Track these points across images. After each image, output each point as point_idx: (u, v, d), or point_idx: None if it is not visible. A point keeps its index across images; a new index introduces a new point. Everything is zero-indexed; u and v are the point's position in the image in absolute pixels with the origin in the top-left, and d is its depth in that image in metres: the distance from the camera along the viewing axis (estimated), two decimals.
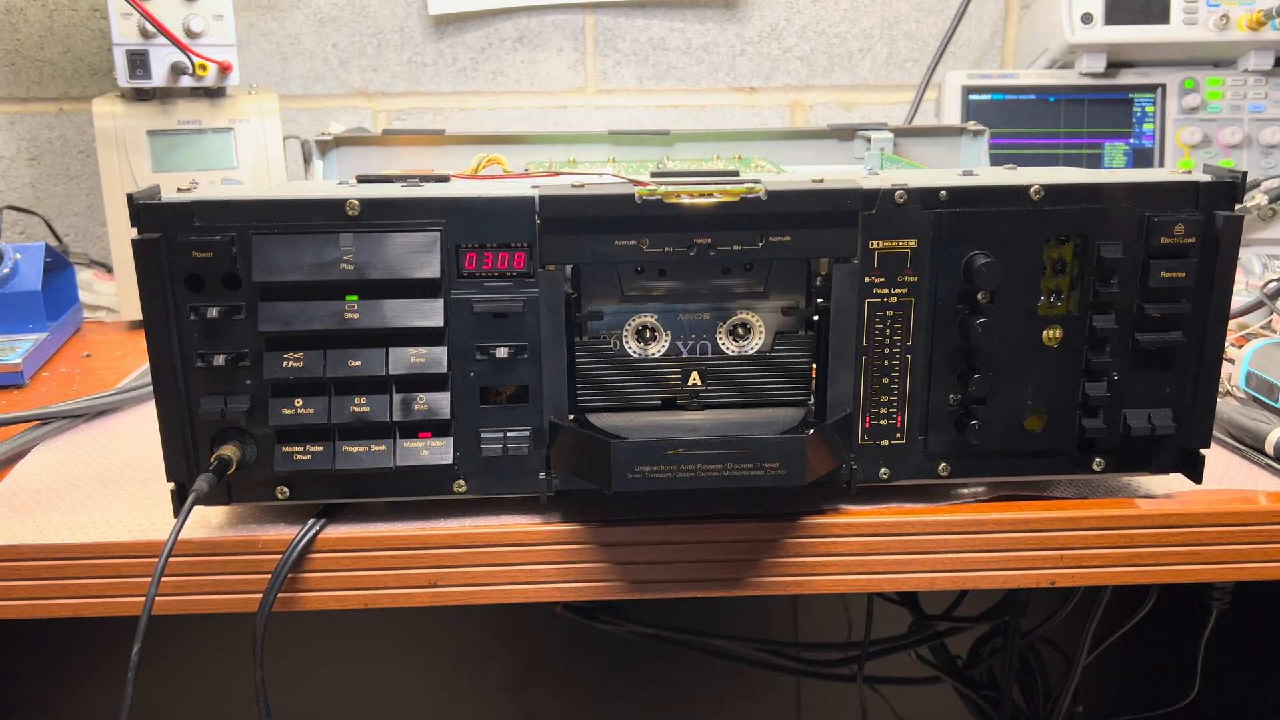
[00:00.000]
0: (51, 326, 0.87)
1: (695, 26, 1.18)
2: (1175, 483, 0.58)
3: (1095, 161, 1.06)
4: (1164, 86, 1.06)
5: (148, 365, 0.82)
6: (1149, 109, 1.06)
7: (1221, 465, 0.61)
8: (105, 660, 1.20)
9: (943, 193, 0.51)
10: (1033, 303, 0.53)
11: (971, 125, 0.83)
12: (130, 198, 0.48)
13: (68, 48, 1.13)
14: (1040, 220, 0.52)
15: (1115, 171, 0.56)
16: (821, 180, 0.51)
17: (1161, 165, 1.05)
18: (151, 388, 0.51)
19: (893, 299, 0.53)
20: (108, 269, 1.11)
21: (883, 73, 1.20)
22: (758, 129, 0.95)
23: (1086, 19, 1.01)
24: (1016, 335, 0.53)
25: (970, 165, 0.83)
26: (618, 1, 1.16)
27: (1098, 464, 0.56)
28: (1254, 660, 1.00)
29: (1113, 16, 1.01)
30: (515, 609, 1.16)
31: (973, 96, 1.07)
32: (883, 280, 0.52)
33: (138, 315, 0.96)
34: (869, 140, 0.82)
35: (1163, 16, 1.01)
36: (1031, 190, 0.51)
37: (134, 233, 0.49)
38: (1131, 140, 1.06)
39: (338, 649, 1.24)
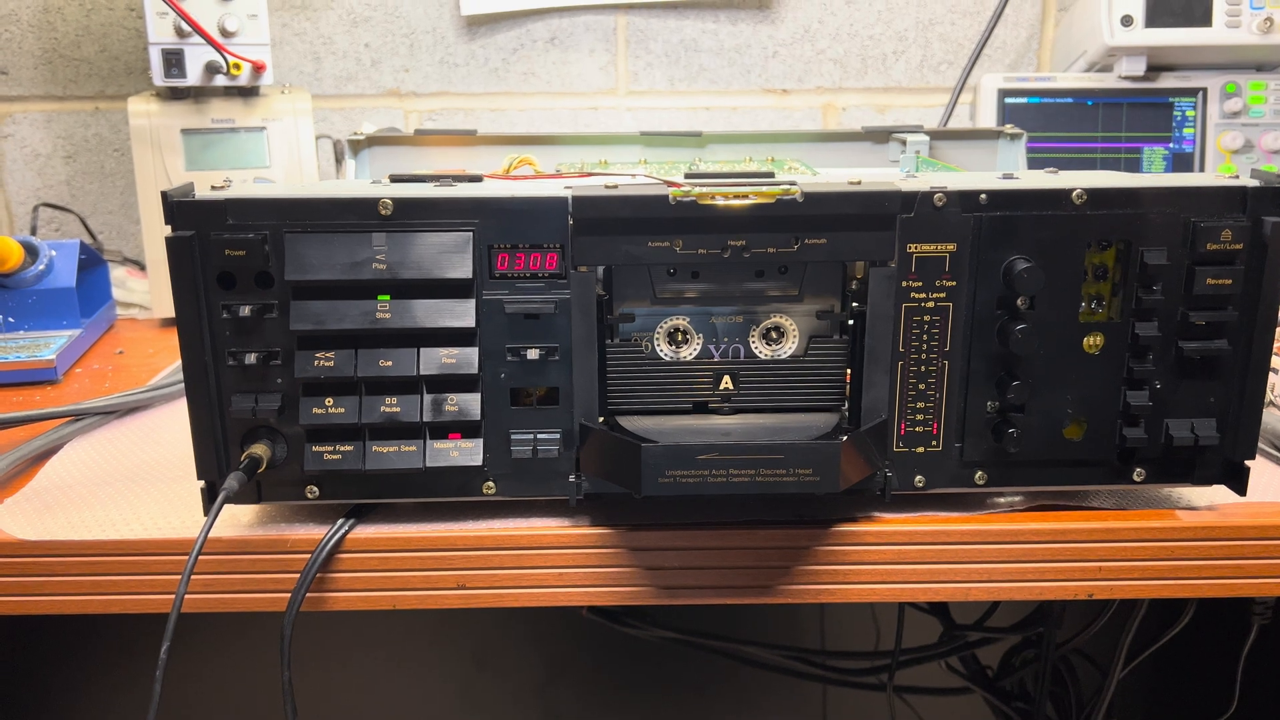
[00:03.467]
0: (85, 323, 0.88)
1: (728, 28, 1.17)
2: (1218, 494, 0.57)
3: (1134, 166, 1.05)
4: (1205, 90, 1.04)
5: (179, 363, 0.82)
6: (1189, 113, 1.04)
7: (1265, 477, 0.60)
8: (129, 656, 1.21)
9: (983, 196, 0.50)
10: (1073, 309, 0.52)
11: (1009, 129, 0.82)
12: (165, 195, 0.49)
13: (104, 47, 1.15)
14: (1082, 225, 0.51)
15: (1159, 175, 0.55)
16: (858, 182, 0.51)
17: (1202, 170, 1.04)
18: (182, 385, 0.51)
19: (930, 304, 0.52)
20: (141, 266, 1.11)
21: (917, 75, 1.19)
22: (791, 130, 0.94)
23: (1126, 21, 1.00)
24: (1056, 342, 0.52)
25: (1008, 169, 0.82)
26: (650, 3, 1.16)
27: (1138, 474, 0.55)
28: None
29: (1153, 19, 1.00)
30: (540, 610, 1.15)
31: (1009, 100, 1.06)
32: (920, 284, 0.51)
33: (170, 312, 0.97)
34: (904, 143, 0.81)
35: (1205, 19, 1.00)
36: (1074, 194, 0.50)
37: (168, 230, 0.49)
38: (1171, 145, 1.04)
39: (361, 647, 1.24)
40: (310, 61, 1.17)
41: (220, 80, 0.93)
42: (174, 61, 0.91)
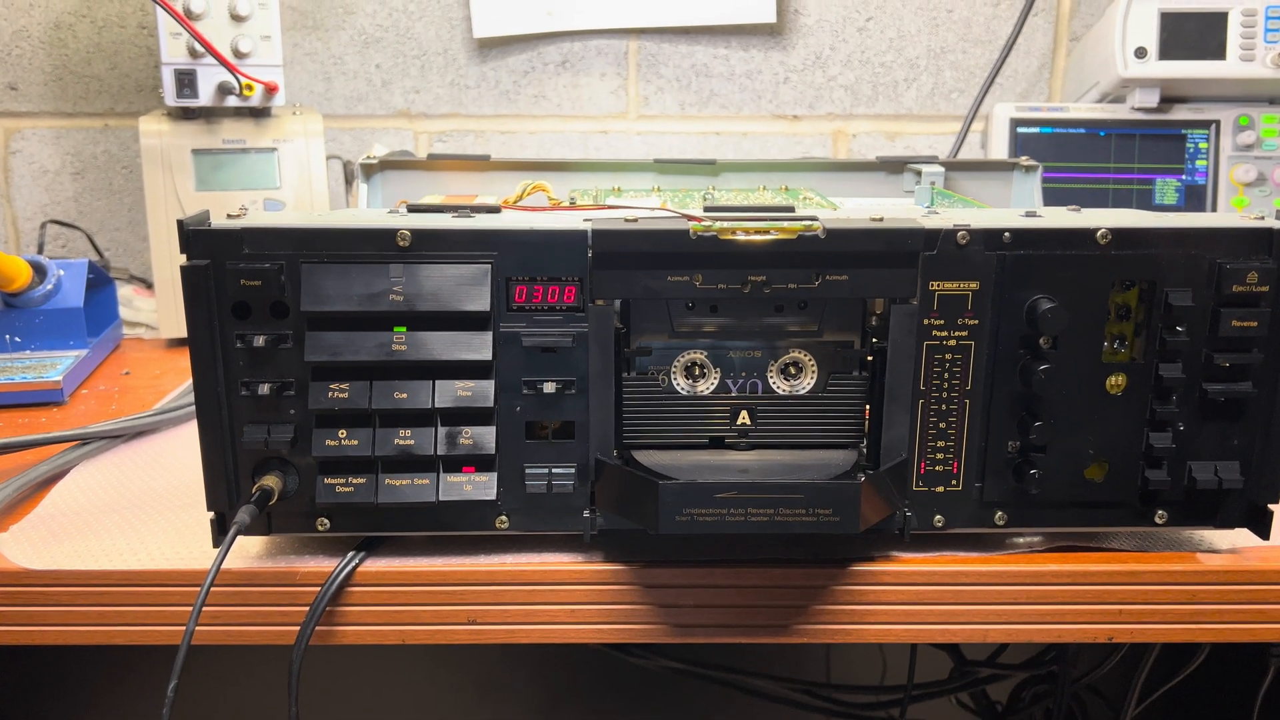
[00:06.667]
0: (92, 343, 0.87)
1: (739, 53, 1.17)
2: (1240, 538, 0.56)
3: (1146, 198, 1.04)
4: (1218, 123, 1.04)
5: (186, 385, 0.82)
6: (1202, 145, 1.04)
7: None
8: (131, 685, 1.19)
9: (1006, 234, 0.50)
10: (1096, 349, 0.51)
11: (1024, 160, 0.82)
12: (181, 224, 0.48)
13: (115, 64, 1.14)
14: (1107, 265, 0.50)
15: (1184, 215, 0.55)
16: (881, 219, 0.50)
17: (1214, 203, 1.03)
18: (190, 409, 0.51)
19: (952, 342, 0.51)
20: (147, 284, 1.11)
21: (928, 103, 1.19)
22: (805, 160, 0.94)
23: (1140, 53, 1.00)
24: (1079, 382, 0.52)
25: (1022, 201, 0.82)
26: (661, 27, 1.16)
27: (1160, 517, 0.54)
28: None
29: (1167, 51, 1.00)
30: None
31: (1021, 129, 1.06)
32: (942, 323, 0.51)
33: (177, 333, 0.96)
34: (919, 174, 0.80)
35: (1219, 52, 0.99)
36: (1098, 234, 0.50)
37: (183, 258, 0.48)
38: (1184, 177, 1.04)
39: (364, 676, 1.23)
40: (321, 81, 1.17)
41: (232, 101, 0.93)
42: (186, 82, 0.91)
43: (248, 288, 0.48)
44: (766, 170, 0.84)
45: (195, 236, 0.48)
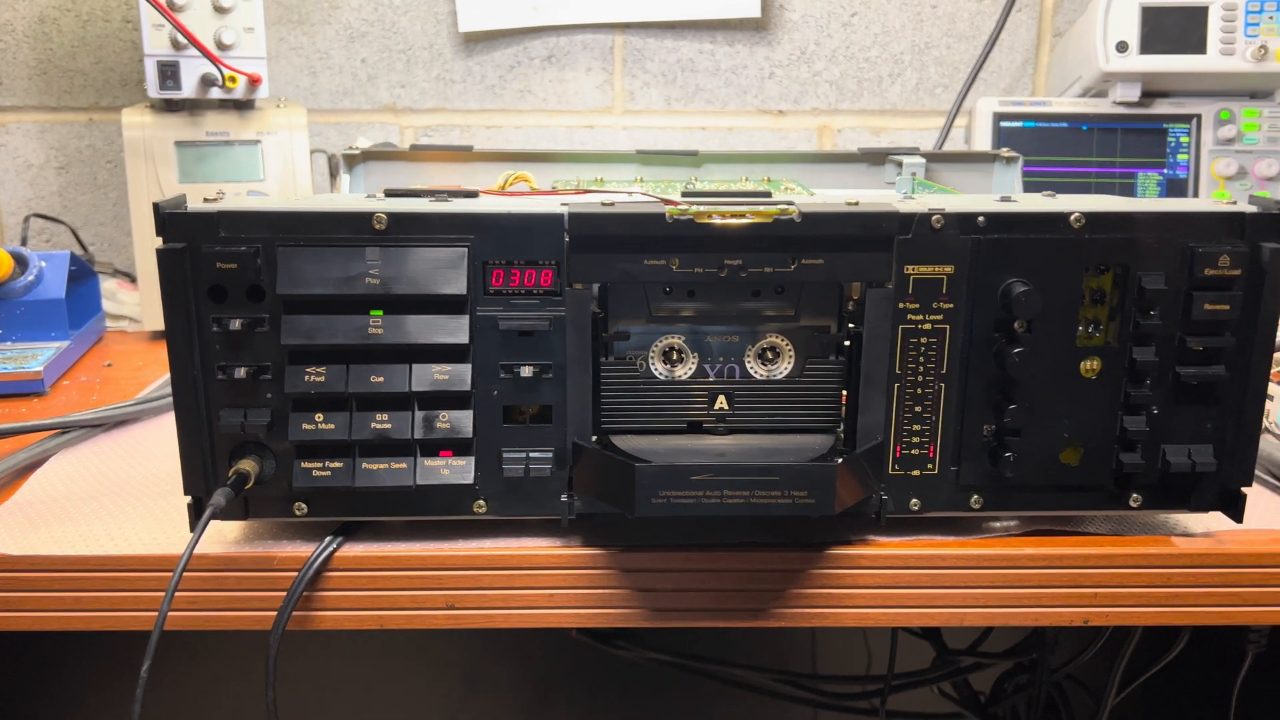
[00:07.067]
0: (74, 335, 0.87)
1: (724, 49, 1.18)
2: (1214, 521, 0.57)
3: (1128, 191, 1.05)
4: (1199, 117, 1.04)
5: (167, 376, 0.82)
6: (1183, 139, 1.05)
7: (1262, 504, 0.59)
8: (109, 674, 1.19)
9: (981, 218, 0.50)
10: (1071, 333, 0.52)
11: (1005, 152, 0.82)
12: (156, 206, 0.48)
13: (99, 58, 1.14)
14: (1080, 248, 0.51)
15: (1158, 200, 0.55)
16: (856, 203, 0.50)
17: (1196, 196, 1.04)
18: (170, 398, 0.51)
19: (927, 325, 0.51)
20: (132, 278, 1.11)
21: (912, 98, 1.19)
22: (787, 151, 0.94)
23: (1122, 47, 1.00)
24: (1053, 366, 0.52)
25: (1004, 192, 0.82)
26: (647, 22, 1.16)
27: (1134, 500, 0.54)
28: None
29: (1148, 46, 1.00)
30: (531, 632, 1.14)
31: (1004, 123, 1.06)
32: (917, 306, 0.51)
33: (160, 325, 0.96)
34: (900, 165, 0.81)
35: (1199, 46, 1.00)
36: (1072, 218, 0.50)
37: (159, 242, 0.48)
38: (1165, 171, 1.05)
39: (348, 666, 1.22)
40: (306, 76, 1.17)
41: (215, 93, 0.93)
42: (169, 73, 0.91)
43: (224, 271, 0.49)
44: (749, 161, 0.84)
45: (171, 219, 0.48)
